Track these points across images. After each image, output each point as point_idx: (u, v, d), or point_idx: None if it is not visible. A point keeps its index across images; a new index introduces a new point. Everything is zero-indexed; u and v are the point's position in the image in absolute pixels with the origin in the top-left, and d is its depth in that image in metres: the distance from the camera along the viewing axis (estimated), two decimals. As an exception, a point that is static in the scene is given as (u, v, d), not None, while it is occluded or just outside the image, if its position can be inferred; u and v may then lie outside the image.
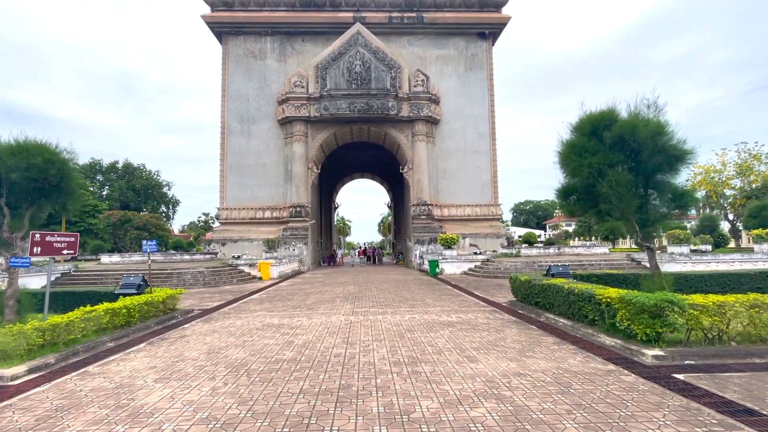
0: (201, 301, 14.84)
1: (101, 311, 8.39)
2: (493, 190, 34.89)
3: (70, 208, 9.96)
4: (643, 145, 9.08)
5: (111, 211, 51.13)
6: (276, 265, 24.49)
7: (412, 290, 16.82)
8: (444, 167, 34.55)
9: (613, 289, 8.09)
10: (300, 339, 8.17)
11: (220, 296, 16.15)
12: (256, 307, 12.77)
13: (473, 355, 6.76)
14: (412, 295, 15.04)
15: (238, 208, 33.63)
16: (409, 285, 19.07)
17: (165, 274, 20.63)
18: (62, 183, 9.38)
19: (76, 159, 9.91)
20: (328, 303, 13.40)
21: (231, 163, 34.14)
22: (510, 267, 22.19)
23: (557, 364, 6.18)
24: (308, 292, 16.92)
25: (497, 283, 19.07)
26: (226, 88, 34.76)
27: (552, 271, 11.57)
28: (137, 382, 5.71)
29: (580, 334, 8.16)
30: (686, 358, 6.27)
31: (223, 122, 34.50)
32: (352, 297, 14.88)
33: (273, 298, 14.99)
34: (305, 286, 19.23)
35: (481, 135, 35.12)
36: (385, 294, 15.63)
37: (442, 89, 34.81)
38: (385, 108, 32.46)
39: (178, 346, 7.85)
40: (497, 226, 34.43)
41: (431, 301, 13.35)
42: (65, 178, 9.46)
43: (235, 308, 12.80)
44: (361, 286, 18.97)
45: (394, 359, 6.56)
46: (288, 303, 13.62)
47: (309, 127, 33.79)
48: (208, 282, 20.50)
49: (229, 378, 5.76)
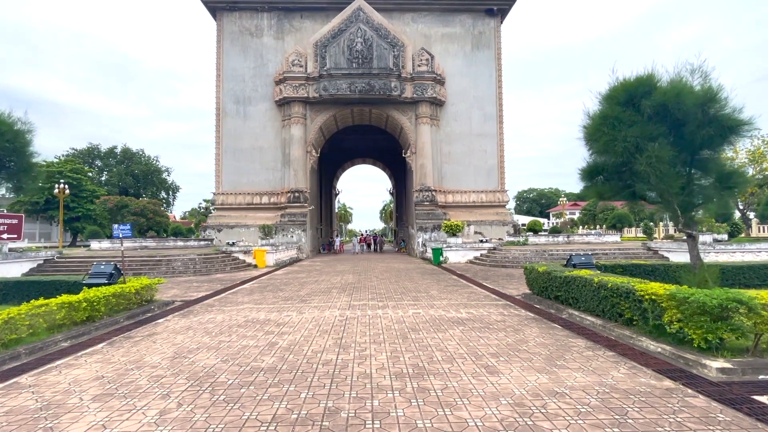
0: (186, 290, 13.68)
1: (54, 305, 7.19)
2: (500, 175, 33.46)
3: (25, 186, 8.69)
4: (689, 114, 7.72)
5: (107, 197, 49.98)
6: (272, 253, 23.32)
7: (415, 280, 15.63)
8: (448, 151, 33.08)
9: (655, 283, 6.82)
10: (285, 340, 6.97)
11: (208, 285, 14.99)
12: (244, 299, 11.59)
13: (492, 364, 5.55)
14: (415, 286, 13.83)
15: (234, 193, 32.36)
16: (412, 274, 17.87)
17: (153, 262, 19.49)
18: (14, 157, 8.12)
19: (31, 130, 8.63)
20: (323, 294, 12.20)
21: (226, 147, 32.75)
22: (519, 256, 20.95)
23: (599, 378, 4.96)
24: (303, 281, 15.74)
25: (506, 273, 17.85)
26: (221, 68, 33.17)
27: (573, 261, 10.32)
28: (70, 400, 4.51)
29: (614, 336, 6.94)
30: (760, 371, 5.04)
31: (218, 103, 33.02)
32: (350, 287, 13.69)
33: (264, 288, 13.81)
34: (301, 275, 18.06)
35: (488, 117, 33.56)
36: (386, 284, 14.44)
37: (448, 69, 33.16)
38: (388, 88, 30.88)
39: (141, 348, 6.66)
40: (503, 213, 33.11)
41: (436, 293, 12.14)
42: (18, 152, 8.19)
43: (221, 299, 11.62)
44: (360, 275, 17.79)
45: (396, 369, 5.35)
46: (280, 294, 12.43)
47: (308, 108, 32.29)
48: (199, 270, 19.35)
49: (187, 396, 4.56)
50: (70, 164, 54.55)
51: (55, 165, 53.61)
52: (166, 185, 70.37)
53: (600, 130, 8.40)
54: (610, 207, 60.36)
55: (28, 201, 51.43)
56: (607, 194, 9.14)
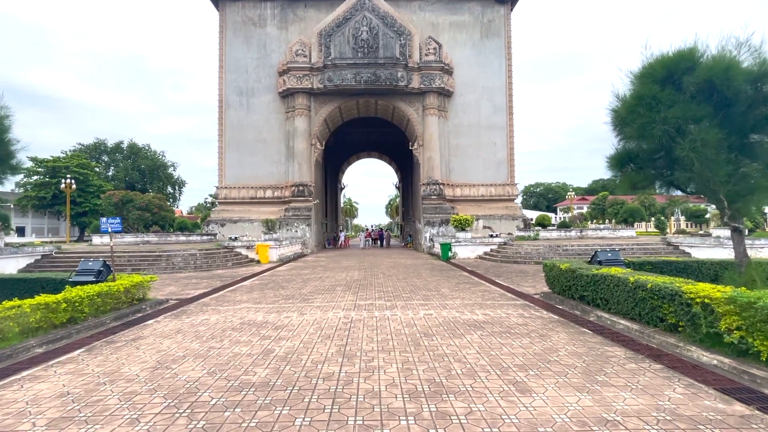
0: (184, 288, 13.00)
1: (27, 307, 6.49)
2: (509, 168, 32.45)
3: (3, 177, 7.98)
4: (739, 93, 6.81)
5: (113, 191, 49.66)
6: (275, 248, 22.63)
7: (424, 277, 14.84)
8: (456, 144, 32.12)
9: (705, 284, 5.97)
10: (283, 347, 6.21)
11: (208, 282, 14.31)
12: (243, 297, 10.87)
13: (521, 379, 4.74)
14: (424, 284, 13.04)
15: (237, 187, 31.69)
16: (420, 271, 17.08)
17: (153, 257, 18.86)
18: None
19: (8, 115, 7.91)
20: (327, 293, 11.45)
21: (229, 139, 32.05)
22: (531, 251, 20.07)
23: (654, 401, 4.13)
24: (307, 278, 15.01)
25: (519, 269, 17.00)
26: (224, 59, 32.39)
27: (599, 258, 9.44)
28: (20, 427, 3.78)
29: (655, 343, 6.10)
30: None
31: (220, 95, 32.27)
32: (356, 285, 12.93)
33: (265, 286, 13.09)
34: (305, 271, 17.34)
35: (497, 109, 32.50)
36: (393, 281, 13.66)
37: (456, 59, 32.11)
38: (394, 78, 29.92)
39: (121, 355, 5.94)
40: (513, 207, 32.15)
41: (448, 292, 11.34)
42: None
43: (218, 298, 10.91)
44: (366, 271, 17.03)
45: (409, 386, 4.56)
46: (281, 292, 11.70)
47: (312, 100, 31.45)
48: (200, 265, 18.70)
49: (160, 421, 3.81)
50: (76, 159, 54.33)
51: (61, 160, 53.41)
52: (173, 180, 70.04)
53: (634, 111, 7.51)
54: (620, 201, 59.16)
55: (35, 196, 51.35)
56: (640, 184, 8.25)
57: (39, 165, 52.33)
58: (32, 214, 57.61)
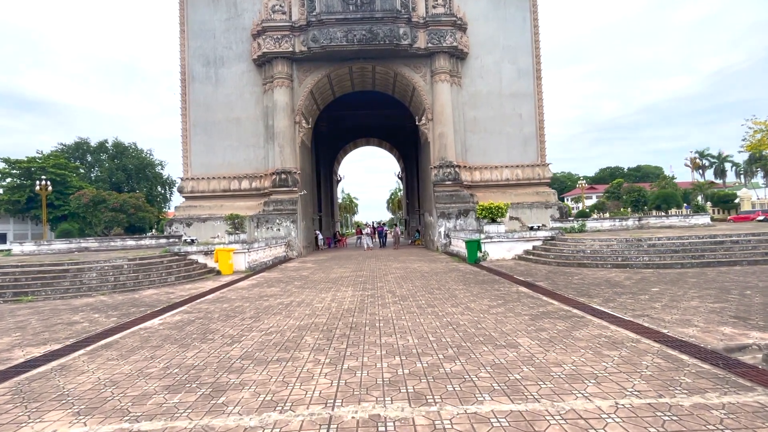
0: (37, 335, 7.18)
1: None
2: (539, 145, 26.53)
3: None
4: None
5: (81, 191, 43.79)
6: (243, 253, 16.81)
7: (458, 297, 9.01)
8: (474, 117, 26.19)
9: None
10: None
11: (104, 318, 8.50)
12: (82, 385, 5.04)
13: None
14: (470, 317, 7.18)
15: (206, 178, 25.82)
16: (446, 283, 11.26)
17: (55, 273, 12.98)
18: None
19: None
20: (280, 354, 5.61)
21: (195, 120, 26.15)
22: (601, 249, 14.17)
23: None
24: (264, 307, 9.16)
25: (596, 277, 11.10)
26: (186, 21, 26.43)
27: None
28: None
29: None
30: None
31: (183, 66, 26.34)
32: (344, 326, 7.09)
33: (184, 326, 7.28)
34: (271, 290, 11.50)
35: (522, 73, 26.54)
36: (410, 311, 7.82)
37: (469, 13, 26.14)
38: (395, 36, 23.97)
39: None
40: (545, 192, 26.24)
41: (527, 341, 5.49)
42: None
43: (59, 367, 5.09)
44: (365, 289, 11.17)
45: None
46: (194, 350, 5.87)
47: (294, 67, 25.53)
48: (124, 283, 12.86)
49: None
50: (53, 159, 48.91)
51: (36, 161, 48.01)
52: (162, 180, 64.20)
53: None
54: (636, 188, 53.47)
55: (8, 200, 45.97)
56: None
57: (12, 166, 47.24)
58: (14, 220, 52.10)
